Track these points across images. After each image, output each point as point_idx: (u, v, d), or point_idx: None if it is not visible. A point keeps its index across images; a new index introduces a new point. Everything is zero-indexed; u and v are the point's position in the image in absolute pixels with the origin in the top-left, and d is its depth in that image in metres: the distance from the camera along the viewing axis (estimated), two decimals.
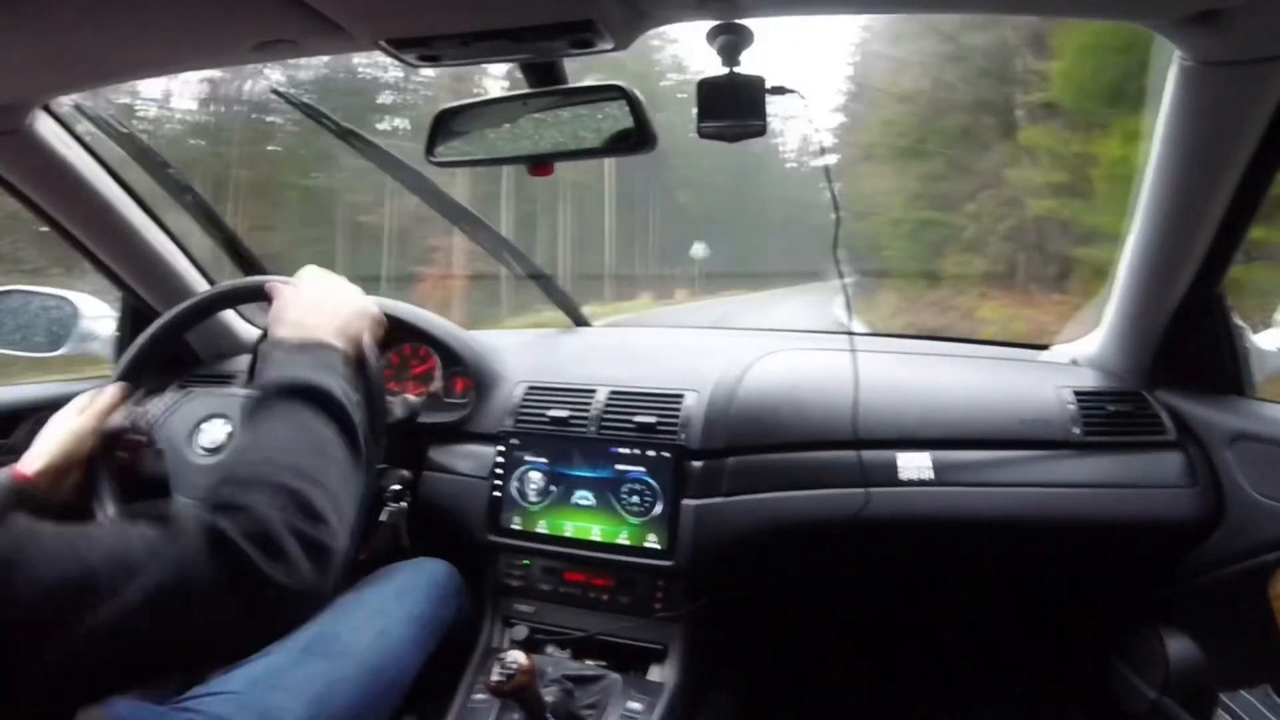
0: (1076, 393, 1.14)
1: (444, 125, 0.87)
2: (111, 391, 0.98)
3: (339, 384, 0.72)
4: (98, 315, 1.40)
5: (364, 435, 0.72)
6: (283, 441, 0.65)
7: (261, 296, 1.10)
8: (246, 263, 1.51)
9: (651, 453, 1.12)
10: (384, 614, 1.03)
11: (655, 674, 1.08)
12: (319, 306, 0.81)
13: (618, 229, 19.61)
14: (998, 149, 9.53)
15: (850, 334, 1.12)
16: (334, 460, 0.66)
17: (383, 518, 1.09)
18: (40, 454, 0.89)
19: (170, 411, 1.04)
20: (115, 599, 0.49)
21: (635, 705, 1.01)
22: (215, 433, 0.97)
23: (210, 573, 0.53)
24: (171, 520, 0.55)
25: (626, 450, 1.13)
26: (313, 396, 0.69)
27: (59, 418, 0.94)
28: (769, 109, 0.78)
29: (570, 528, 1.14)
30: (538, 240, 16.06)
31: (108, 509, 0.94)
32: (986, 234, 9.47)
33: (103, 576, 0.50)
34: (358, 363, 0.82)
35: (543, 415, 1.20)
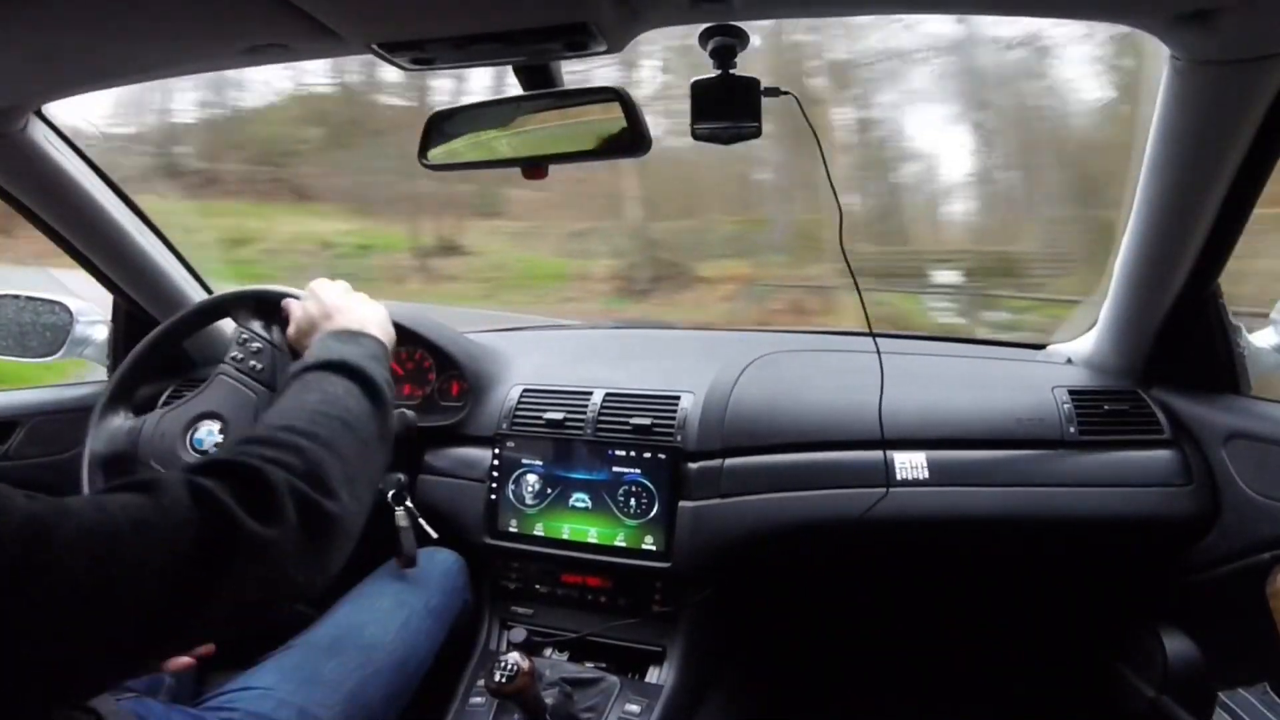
0: (1072, 392, 1.14)
1: (437, 128, 0.86)
2: None
3: (379, 369, 0.71)
4: (93, 320, 1.40)
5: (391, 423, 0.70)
6: (307, 410, 0.62)
7: (266, 305, 1.10)
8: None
9: (648, 455, 1.12)
10: (404, 605, 1.03)
11: (654, 676, 1.08)
12: (348, 308, 0.82)
13: None
14: None
15: (873, 335, 1.09)
16: (359, 437, 0.63)
17: (401, 523, 1.09)
18: None
19: (164, 414, 1.04)
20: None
21: (633, 707, 1.01)
22: (207, 434, 0.97)
23: (194, 533, 0.48)
24: (154, 485, 0.49)
25: (623, 452, 1.13)
26: (349, 373, 0.68)
27: None
28: None
29: (567, 530, 1.14)
30: None
31: None
32: None
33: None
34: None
35: (538, 418, 1.19)
